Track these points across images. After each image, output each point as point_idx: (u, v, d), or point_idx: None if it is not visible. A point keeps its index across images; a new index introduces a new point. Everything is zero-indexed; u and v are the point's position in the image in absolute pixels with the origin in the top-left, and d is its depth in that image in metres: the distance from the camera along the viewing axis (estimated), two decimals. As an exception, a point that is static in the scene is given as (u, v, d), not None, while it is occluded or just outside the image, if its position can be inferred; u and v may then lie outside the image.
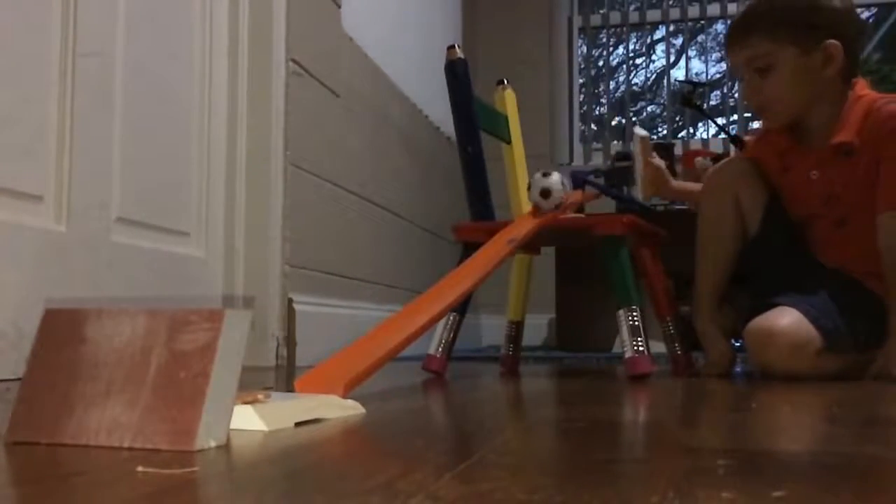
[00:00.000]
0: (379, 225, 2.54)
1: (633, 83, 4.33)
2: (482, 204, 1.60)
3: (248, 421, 0.71)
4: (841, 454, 0.63)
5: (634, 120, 1.87)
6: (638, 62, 4.55)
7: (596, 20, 3.90)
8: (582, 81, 3.92)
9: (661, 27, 4.04)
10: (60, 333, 0.65)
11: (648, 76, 4.60)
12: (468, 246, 1.51)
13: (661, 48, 4.36)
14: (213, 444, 0.60)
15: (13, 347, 1.25)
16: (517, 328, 1.78)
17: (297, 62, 2.00)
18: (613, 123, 4.10)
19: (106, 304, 0.73)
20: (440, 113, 2.99)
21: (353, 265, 2.32)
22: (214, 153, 1.86)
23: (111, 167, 1.52)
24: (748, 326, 1.47)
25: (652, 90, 4.51)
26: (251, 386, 0.84)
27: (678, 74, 4.19)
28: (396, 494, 0.44)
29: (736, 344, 1.66)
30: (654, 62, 4.59)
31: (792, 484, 0.50)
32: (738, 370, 1.71)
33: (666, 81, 4.17)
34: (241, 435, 0.67)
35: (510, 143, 1.79)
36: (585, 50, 3.96)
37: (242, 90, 1.91)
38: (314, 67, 2.09)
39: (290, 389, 0.96)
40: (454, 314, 1.54)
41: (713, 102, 4.12)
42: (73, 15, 1.42)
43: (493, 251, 1.35)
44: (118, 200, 1.53)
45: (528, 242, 1.48)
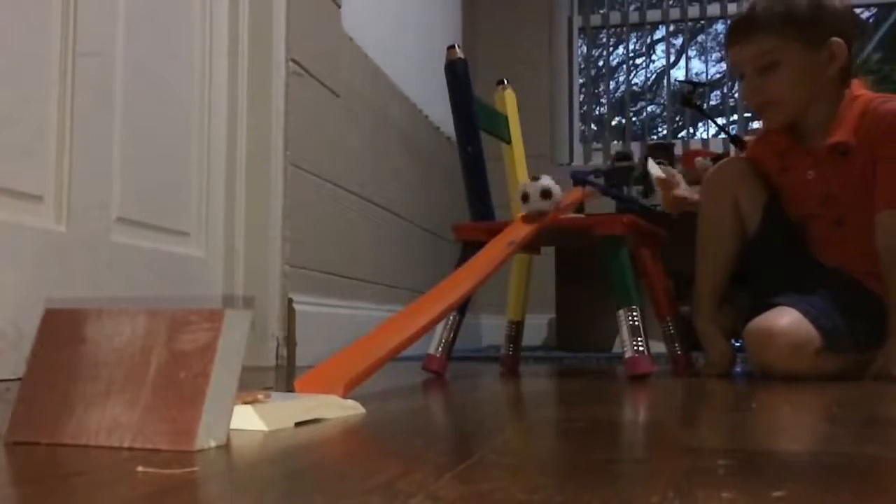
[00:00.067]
0: (379, 225, 2.54)
1: (633, 83, 4.33)
2: (482, 204, 1.60)
3: (248, 421, 0.71)
4: (841, 454, 0.63)
5: (653, 160, 1.88)
6: (638, 62, 4.55)
7: (596, 20, 3.90)
8: (582, 81, 3.93)
9: (661, 27, 4.04)
10: (60, 333, 0.65)
11: (648, 76, 4.60)
12: (468, 246, 1.51)
13: (661, 48, 4.36)
14: (213, 444, 0.60)
15: (13, 347, 1.25)
16: (517, 328, 1.78)
17: (297, 62, 2.00)
18: (613, 123, 4.10)
19: (106, 304, 0.73)
20: (440, 113, 2.99)
21: (353, 265, 2.32)
22: (214, 153, 1.86)
23: (111, 167, 1.52)
24: (748, 326, 1.47)
25: (652, 90, 4.51)
26: (251, 386, 0.84)
27: (678, 74, 4.19)
28: (396, 494, 0.44)
29: (736, 344, 1.66)
30: (654, 62, 4.59)
31: (792, 484, 0.50)
32: (738, 370, 1.71)
33: (666, 81, 4.18)
34: (241, 435, 0.67)
35: (510, 143, 1.79)
36: (585, 50, 3.96)
37: (242, 90, 1.91)
38: (314, 67, 2.09)
39: (290, 389, 0.96)
40: (454, 314, 1.54)
41: (713, 102, 4.12)
42: (73, 15, 1.43)
43: (493, 252, 1.35)
44: (118, 200, 1.53)
45: (528, 242, 1.48)
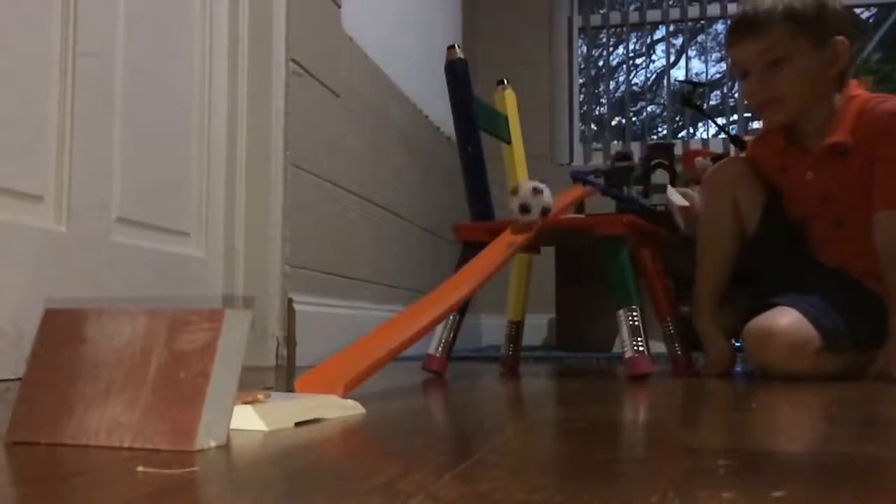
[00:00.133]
0: (379, 225, 2.54)
1: (633, 83, 4.33)
2: (482, 204, 1.60)
3: (248, 421, 0.71)
4: (841, 454, 0.63)
5: (672, 188, 1.89)
6: (638, 62, 4.55)
7: (596, 20, 3.90)
8: (582, 81, 3.92)
9: (661, 27, 4.04)
10: (60, 333, 0.65)
11: (648, 76, 4.60)
12: (468, 246, 1.51)
13: (661, 48, 4.36)
14: (213, 444, 0.60)
15: (13, 347, 1.25)
16: (517, 328, 1.78)
17: (297, 62, 2.00)
18: (613, 123, 4.10)
19: (106, 304, 0.73)
20: (440, 113, 2.99)
21: (353, 265, 2.32)
22: (214, 153, 1.86)
23: (111, 167, 1.52)
24: (747, 326, 1.47)
25: (652, 90, 4.51)
26: (251, 386, 0.84)
27: (678, 74, 4.19)
28: (396, 494, 0.44)
29: (736, 344, 1.66)
30: (654, 62, 4.59)
31: (792, 484, 0.50)
32: (738, 370, 1.71)
33: (666, 81, 4.18)
34: (241, 435, 0.67)
35: (510, 143, 1.79)
36: (585, 50, 3.96)
37: (242, 90, 1.91)
38: (314, 67, 2.09)
39: (290, 389, 0.96)
40: (454, 314, 1.54)
41: (713, 102, 4.12)
42: (73, 15, 1.42)
43: (494, 253, 1.35)
44: (118, 200, 1.53)
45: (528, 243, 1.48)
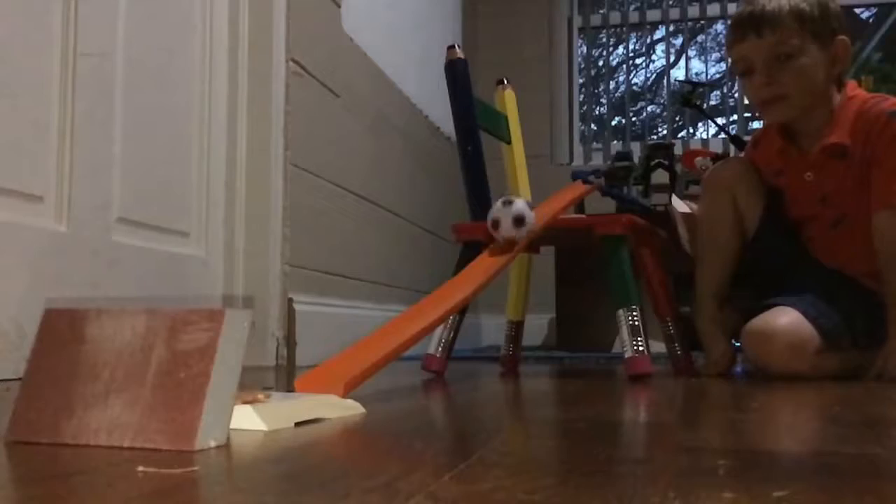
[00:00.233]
0: (379, 225, 2.54)
1: (633, 83, 4.33)
2: (482, 204, 1.59)
3: (248, 421, 0.71)
4: (842, 454, 0.63)
5: (677, 198, 1.89)
6: (638, 62, 4.55)
7: (596, 20, 3.91)
8: (582, 81, 3.93)
9: (661, 27, 4.04)
10: (60, 333, 0.65)
11: (648, 76, 4.60)
12: (468, 246, 1.51)
13: (661, 48, 4.36)
14: (213, 444, 0.60)
15: (14, 347, 1.25)
16: (517, 328, 1.78)
17: (297, 62, 2.00)
18: (613, 123, 4.10)
19: (106, 304, 0.73)
20: (440, 113, 2.99)
21: (353, 265, 2.32)
22: (214, 153, 1.86)
23: (111, 167, 1.52)
24: (747, 326, 1.47)
25: (652, 90, 4.51)
26: (251, 386, 0.84)
27: (678, 74, 4.19)
28: (396, 494, 0.44)
29: (736, 344, 1.66)
30: (654, 62, 4.59)
31: (793, 484, 0.50)
32: (738, 370, 1.71)
33: (666, 81, 4.18)
34: (241, 435, 0.67)
35: (510, 143, 1.79)
36: (585, 50, 3.96)
37: (242, 90, 1.91)
38: (314, 67, 2.09)
39: (290, 389, 0.96)
40: (454, 314, 1.54)
41: (713, 102, 4.12)
42: (73, 15, 1.42)
43: (496, 254, 1.35)
44: (118, 200, 1.53)
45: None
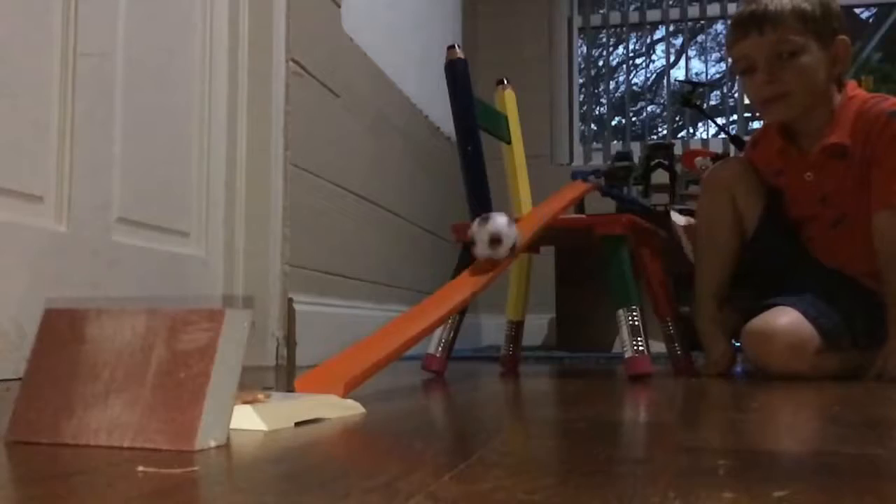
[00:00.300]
0: (379, 225, 2.54)
1: (633, 83, 4.33)
2: (482, 204, 1.59)
3: (248, 421, 0.71)
4: (842, 454, 0.63)
5: (676, 212, 1.91)
6: (638, 62, 4.55)
7: (596, 20, 3.91)
8: (582, 81, 3.93)
9: (661, 27, 4.04)
10: (60, 333, 0.65)
11: (648, 76, 4.60)
12: (468, 246, 1.51)
13: (661, 48, 4.36)
14: (213, 444, 0.60)
15: (14, 347, 1.25)
16: (517, 328, 1.78)
17: (297, 62, 2.00)
18: (613, 123, 4.10)
19: (106, 304, 0.73)
20: (440, 113, 2.99)
21: (353, 265, 2.32)
22: (214, 153, 1.86)
23: (111, 167, 1.52)
24: (747, 326, 1.47)
25: (652, 90, 4.51)
26: (251, 386, 0.84)
27: (678, 74, 4.19)
28: (396, 494, 0.44)
29: (736, 344, 1.66)
30: (654, 62, 4.59)
31: (793, 484, 0.50)
32: (738, 370, 1.71)
33: (666, 81, 4.18)
34: (241, 435, 0.67)
35: (510, 143, 1.79)
36: (585, 50, 3.96)
37: (242, 90, 1.91)
38: (314, 67, 2.09)
39: (290, 389, 0.96)
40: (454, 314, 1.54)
41: (713, 102, 4.12)
42: (73, 15, 1.42)
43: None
44: (118, 200, 1.53)
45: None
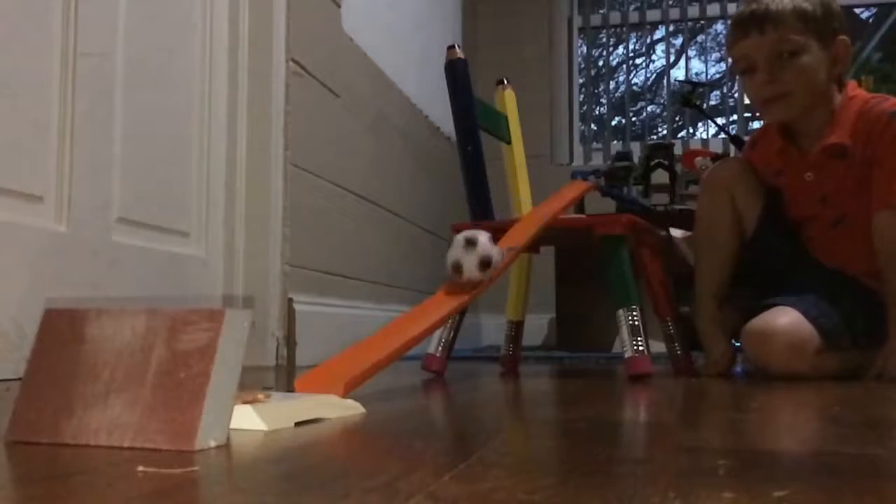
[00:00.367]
0: (379, 225, 2.54)
1: (633, 83, 4.33)
2: (482, 204, 1.60)
3: (248, 421, 0.71)
4: (842, 454, 0.63)
5: (674, 230, 1.93)
6: (638, 62, 4.55)
7: (596, 20, 3.91)
8: (582, 81, 3.93)
9: (660, 27, 4.04)
10: (60, 333, 0.65)
11: (648, 76, 4.60)
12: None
13: (660, 48, 4.36)
14: (213, 444, 0.60)
15: (14, 347, 1.25)
16: (517, 328, 1.78)
17: (297, 62, 2.00)
18: (613, 123, 4.10)
19: (106, 304, 0.73)
20: (440, 113, 2.99)
21: (353, 265, 2.32)
22: (214, 153, 1.86)
23: (111, 167, 1.52)
24: (747, 326, 1.47)
25: (652, 90, 4.51)
26: (251, 386, 0.84)
27: (678, 74, 4.19)
28: (396, 494, 0.44)
29: (736, 344, 1.66)
30: (653, 62, 4.59)
31: (793, 484, 0.50)
32: (738, 370, 1.71)
33: (666, 81, 4.18)
34: (241, 435, 0.67)
35: (510, 143, 1.79)
36: (585, 50, 3.96)
37: (242, 90, 1.91)
38: (314, 67, 2.09)
39: (290, 389, 0.96)
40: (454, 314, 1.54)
41: (713, 102, 4.12)
42: (73, 15, 1.42)
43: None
44: (118, 200, 1.53)
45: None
